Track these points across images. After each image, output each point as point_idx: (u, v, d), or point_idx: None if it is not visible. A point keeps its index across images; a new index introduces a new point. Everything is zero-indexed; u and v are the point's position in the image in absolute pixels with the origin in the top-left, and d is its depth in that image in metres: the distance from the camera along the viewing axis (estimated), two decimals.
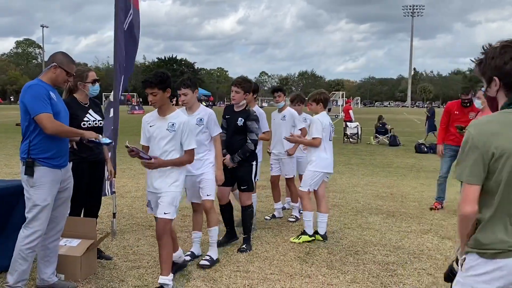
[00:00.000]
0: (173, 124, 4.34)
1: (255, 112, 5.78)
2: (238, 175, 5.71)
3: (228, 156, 5.64)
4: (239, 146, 5.62)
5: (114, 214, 6.11)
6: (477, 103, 7.48)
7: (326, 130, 6.15)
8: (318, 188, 6.22)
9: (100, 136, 4.56)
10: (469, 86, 8.70)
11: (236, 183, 5.88)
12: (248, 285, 4.64)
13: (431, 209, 7.99)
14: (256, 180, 6.02)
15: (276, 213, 7.37)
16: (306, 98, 6.65)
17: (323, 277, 4.87)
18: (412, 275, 4.99)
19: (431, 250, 5.82)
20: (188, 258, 5.33)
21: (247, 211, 5.84)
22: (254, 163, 5.83)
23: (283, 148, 7.07)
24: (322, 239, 6.15)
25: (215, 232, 5.31)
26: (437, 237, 6.39)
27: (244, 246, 5.73)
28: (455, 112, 7.94)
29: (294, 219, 7.14)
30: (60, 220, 4.40)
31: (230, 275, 4.91)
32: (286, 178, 7.26)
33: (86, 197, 5.06)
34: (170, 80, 4.37)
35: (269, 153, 7.39)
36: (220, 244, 5.71)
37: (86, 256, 4.70)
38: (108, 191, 5.88)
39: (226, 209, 5.92)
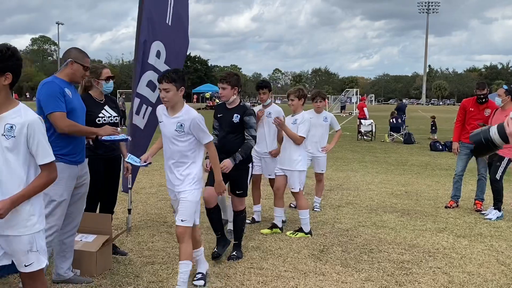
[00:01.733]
0: (11, 127, 2.87)
1: (250, 107, 5.42)
2: (233, 178, 5.12)
3: (226, 160, 5.00)
4: (234, 146, 5.13)
5: (129, 210, 6.17)
6: (497, 100, 7.40)
7: (310, 130, 6.34)
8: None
9: (119, 129, 4.61)
10: (485, 81, 8.54)
11: (230, 187, 5.34)
12: (262, 282, 4.64)
13: (446, 207, 7.92)
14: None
15: (255, 216, 6.83)
16: (287, 94, 6.44)
17: (337, 275, 4.86)
18: (427, 273, 4.96)
19: (446, 249, 5.78)
20: None
21: (240, 216, 5.41)
22: (250, 165, 5.39)
23: (267, 147, 6.59)
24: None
25: (187, 267, 4.25)
26: (453, 236, 6.34)
27: (234, 253, 5.32)
28: (470, 109, 7.85)
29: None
30: (76, 215, 4.44)
31: (244, 272, 4.91)
32: (269, 179, 6.81)
33: (102, 193, 5.10)
34: (14, 64, 2.88)
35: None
36: (216, 255, 5.21)
37: (101, 252, 4.74)
38: (129, 184, 5.92)
39: (214, 213, 5.18)
